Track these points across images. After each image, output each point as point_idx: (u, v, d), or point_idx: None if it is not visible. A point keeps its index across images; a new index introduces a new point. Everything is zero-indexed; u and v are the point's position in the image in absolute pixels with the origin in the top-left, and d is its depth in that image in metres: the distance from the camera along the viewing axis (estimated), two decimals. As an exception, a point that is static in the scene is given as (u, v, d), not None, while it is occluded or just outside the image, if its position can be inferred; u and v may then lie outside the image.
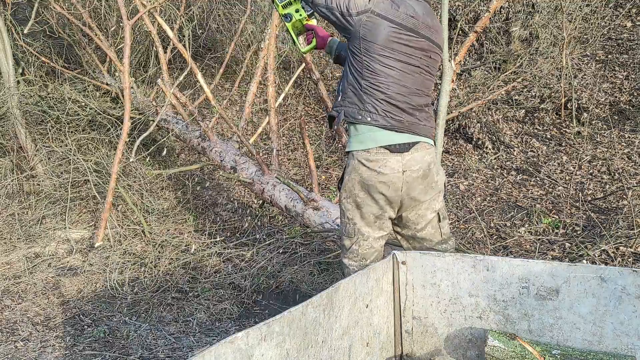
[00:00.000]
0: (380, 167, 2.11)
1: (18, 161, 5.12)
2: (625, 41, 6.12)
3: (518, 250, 3.79)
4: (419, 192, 2.16)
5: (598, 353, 1.71)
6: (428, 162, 2.16)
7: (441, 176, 2.25)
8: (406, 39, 2.11)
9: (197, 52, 7.37)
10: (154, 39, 4.78)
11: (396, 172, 2.11)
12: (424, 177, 2.15)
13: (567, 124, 5.40)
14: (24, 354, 2.96)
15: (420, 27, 2.13)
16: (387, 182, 2.12)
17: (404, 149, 2.11)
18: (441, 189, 2.25)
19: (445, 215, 2.31)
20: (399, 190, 2.14)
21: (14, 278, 3.83)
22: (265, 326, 1.42)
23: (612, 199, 4.23)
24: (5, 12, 5.41)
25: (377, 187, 2.13)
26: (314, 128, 6.58)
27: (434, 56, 2.21)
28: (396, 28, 2.09)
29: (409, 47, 2.12)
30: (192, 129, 4.98)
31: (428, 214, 2.22)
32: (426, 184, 2.17)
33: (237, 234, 4.50)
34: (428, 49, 2.16)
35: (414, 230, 2.25)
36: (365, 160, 2.13)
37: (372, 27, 2.09)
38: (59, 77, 6.09)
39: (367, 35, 2.10)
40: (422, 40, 2.14)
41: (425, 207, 2.21)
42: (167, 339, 3.06)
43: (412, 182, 2.13)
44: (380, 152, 2.11)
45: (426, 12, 2.18)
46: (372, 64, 2.11)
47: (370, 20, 2.09)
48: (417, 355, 2.09)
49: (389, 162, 2.11)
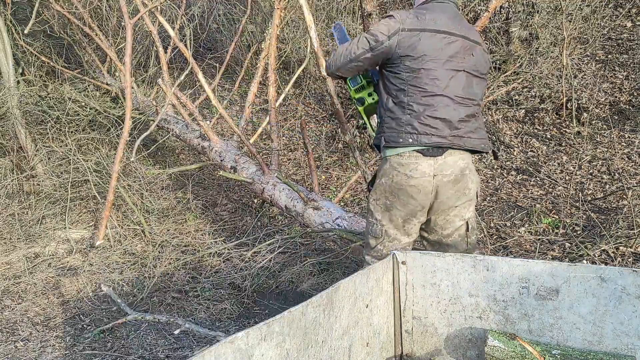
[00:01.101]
0: (411, 170, 2.10)
1: (18, 161, 5.12)
2: (625, 41, 6.12)
3: (518, 250, 3.79)
4: (449, 197, 2.14)
5: (598, 353, 1.71)
6: (461, 167, 2.13)
7: (475, 184, 2.20)
8: (444, 42, 2.10)
9: (197, 52, 7.38)
10: (155, 38, 4.78)
11: (427, 177, 2.10)
12: (456, 182, 2.13)
13: (567, 124, 5.40)
14: (24, 354, 2.96)
15: (451, 27, 2.13)
16: (417, 185, 2.11)
17: (437, 153, 2.09)
18: (473, 197, 2.21)
19: (475, 226, 2.27)
20: (429, 194, 2.12)
21: (14, 278, 3.83)
22: (265, 326, 1.42)
23: (612, 199, 4.23)
24: (5, 12, 5.41)
25: (407, 191, 2.13)
26: (314, 128, 6.58)
27: (477, 54, 2.18)
28: (430, 34, 2.10)
29: (448, 49, 2.10)
30: (192, 128, 4.98)
31: (457, 220, 2.21)
32: (457, 189, 2.14)
33: (237, 234, 4.50)
34: (467, 47, 2.15)
35: (440, 235, 2.24)
36: (397, 164, 2.13)
37: (407, 42, 2.10)
38: (59, 77, 6.09)
39: (407, 51, 2.10)
40: (458, 40, 2.13)
41: (454, 213, 2.19)
42: (167, 339, 3.06)
43: (443, 186, 2.11)
44: (413, 155, 2.10)
45: (453, 14, 2.20)
46: (415, 78, 2.10)
47: (404, 38, 2.10)
48: (417, 355, 2.09)
49: (420, 165, 2.10)
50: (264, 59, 4.62)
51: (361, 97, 2.38)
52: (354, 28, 7.63)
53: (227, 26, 7.47)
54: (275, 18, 4.15)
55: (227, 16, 7.43)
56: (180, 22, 5.62)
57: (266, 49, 4.47)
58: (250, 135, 5.15)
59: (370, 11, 5.54)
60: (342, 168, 5.78)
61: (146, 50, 6.76)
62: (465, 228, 2.23)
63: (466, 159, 2.16)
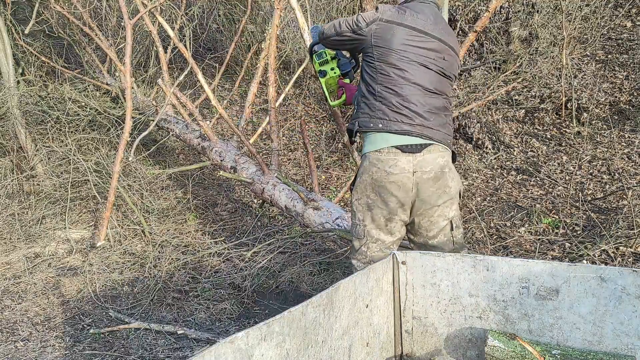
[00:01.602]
0: (390, 167, 2.11)
1: (18, 161, 5.12)
2: (625, 41, 6.12)
3: (518, 250, 3.79)
4: (430, 195, 2.14)
5: (598, 353, 1.71)
6: (440, 164, 2.14)
7: (456, 183, 2.21)
8: (417, 40, 2.14)
9: (197, 52, 7.38)
10: (154, 38, 4.78)
11: (406, 172, 2.11)
12: (436, 179, 2.13)
13: (567, 124, 5.40)
14: (24, 354, 2.96)
15: (429, 28, 2.17)
16: (396, 182, 2.11)
17: (415, 150, 2.10)
18: (454, 195, 2.21)
19: (459, 224, 2.27)
20: (409, 191, 2.13)
21: (14, 278, 3.83)
22: (265, 326, 1.42)
23: (612, 199, 4.23)
24: (5, 12, 5.41)
25: (387, 188, 2.13)
26: (314, 128, 6.58)
27: (449, 58, 2.21)
28: (406, 30, 2.14)
29: (420, 49, 2.14)
30: (192, 128, 4.98)
31: (440, 220, 2.20)
32: (438, 187, 2.14)
33: (237, 234, 4.50)
34: (440, 50, 2.18)
35: (425, 237, 2.24)
36: (376, 160, 2.14)
37: (382, 33, 2.16)
38: (59, 77, 6.09)
39: (379, 42, 2.16)
40: (433, 41, 2.17)
41: (438, 213, 2.19)
42: (167, 339, 3.06)
43: (423, 183, 2.12)
44: (391, 151, 2.11)
45: (434, 15, 2.23)
46: (385, 68, 2.14)
47: (380, 27, 2.16)
48: (417, 355, 2.09)
49: (400, 162, 2.11)
50: (264, 59, 4.61)
51: (323, 70, 2.53)
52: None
53: (227, 26, 7.47)
54: (275, 18, 4.15)
55: (227, 16, 7.43)
56: (180, 22, 5.62)
57: (266, 49, 4.46)
58: (250, 135, 5.15)
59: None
60: (342, 168, 5.78)
61: (146, 50, 6.76)
62: (449, 227, 2.23)
63: (446, 157, 2.17)
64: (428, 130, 2.12)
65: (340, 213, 3.48)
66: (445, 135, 2.18)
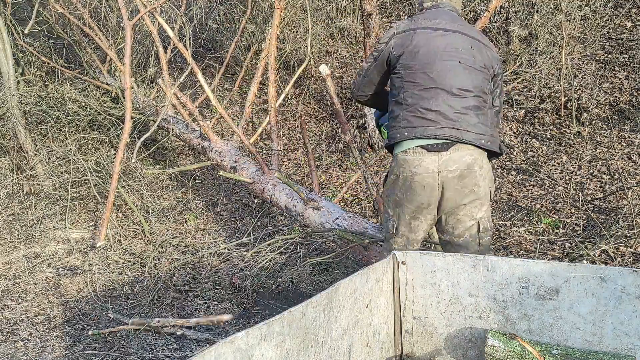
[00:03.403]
0: (415, 167, 2.12)
1: (18, 161, 5.12)
2: (625, 41, 6.12)
3: (518, 250, 3.79)
4: (455, 193, 2.12)
5: (598, 353, 1.71)
6: (468, 162, 2.10)
7: (487, 183, 2.16)
8: (437, 37, 2.16)
9: (197, 52, 7.38)
10: (155, 39, 4.78)
11: (430, 172, 2.10)
12: (461, 177, 2.11)
13: (567, 124, 5.40)
14: (24, 354, 2.96)
15: (446, 25, 2.19)
16: (421, 181, 2.12)
17: (442, 148, 2.09)
18: (483, 196, 2.16)
19: (488, 227, 2.22)
20: (434, 190, 2.12)
21: (14, 278, 3.83)
22: (265, 326, 1.42)
23: (612, 199, 4.23)
24: (5, 12, 5.41)
25: (412, 188, 2.14)
26: (314, 128, 6.59)
27: (477, 48, 2.21)
28: (423, 31, 2.18)
29: (442, 44, 2.15)
30: (192, 128, 4.98)
31: (467, 220, 2.18)
32: (463, 186, 2.11)
33: (237, 234, 4.50)
34: (464, 42, 2.19)
35: (451, 235, 2.23)
36: (402, 161, 2.16)
37: (401, 42, 2.21)
38: (59, 77, 6.09)
39: (399, 51, 2.20)
40: (454, 34, 2.18)
41: (464, 212, 2.16)
42: (167, 339, 3.06)
43: (448, 182, 2.11)
44: (417, 151, 2.12)
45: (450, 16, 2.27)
46: (410, 74, 2.16)
47: (399, 38, 2.22)
48: (417, 355, 2.09)
49: (424, 161, 2.11)
50: (264, 59, 4.62)
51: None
52: (354, 28, 7.64)
53: (227, 26, 7.47)
54: (275, 18, 4.15)
55: (227, 16, 7.43)
56: (180, 23, 5.62)
57: (266, 49, 4.47)
58: (250, 135, 5.15)
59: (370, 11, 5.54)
60: (342, 168, 5.78)
61: (146, 50, 6.76)
62: (476, 228, 2.20)
63: (475, 155, 2.12)
64: (456, 131, 2.09)
65: (340, 213, 3.48)
66: (477, 135, 2.11)
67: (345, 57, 7.48)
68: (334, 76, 7.24)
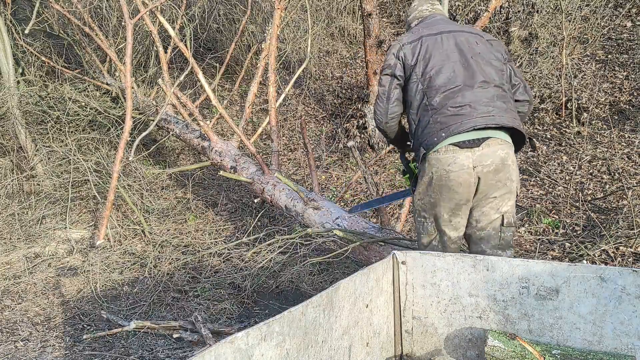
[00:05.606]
0: (449, 165, 2.12)
1: (18, 161, 5.12)
2: (625, 41, 6.12)
3: (518, 250, 3.79)
4: (490, 186, 2.14)
5: (598, 353, 1.71)
6: (501, 157, 2.12)
7: (516, 177, 2.20)
8: (443, 39, 2.25)
9: (197, 52, 7.38)
10: (155, 38, 4.78)
11: (466, 168, 2.11)
12: (497, 171, 2.12)
13: (567, 124, 5.40)
14: (24, 354, 2.96)
15: (446, 27, 2.31)
16: (457, 179, 2.12)
17: (474, 144, 2.10)
18: (513, 190, 2.19)
19: (512, 222, 2.23)
20: (471, 185, 2.13)
21: (14, 278, 3.83)
22: (265, 326, 1.42)
23: (612, 199, 4.23)
24: (5, 12, 5.41)
25: (448, 186, 2.14)
26: (314, 128, 6.58)
27: (481, 42, 2.28)
28: (428, 37, 2.27)
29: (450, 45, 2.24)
30: (192, 128, 4.98)
31: (492, 213, 2.20)
32: (498, 179, 2.14)
33: (237, 234, 4.50)
34: (468, 38, 2.28)
35: (474, 228, 2.25)
36: (435, 160, 2.15)
37: (412, 52, 2.28)
38: (59, 77, 6.09)
39: (413, 60, 2.26)
40: (455, 33, 2.28)
41: (490, 205, 2.18)
42: (167, 339, 3.06)
43: (484, 176, 2.12)
44: (449, 149, 2.12)
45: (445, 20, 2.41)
46: (429, 79, 2.20)
47: (408, 49, 2.29)
48: (417, 355, 2.09)
49: (458, 158, 2.11)
50: (264, 59, 4.62)
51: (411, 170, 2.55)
52: (354, 28, 7.64)
53: (227, 26, 7.47)
54: (276, 18, 4.15)
55: (227, 16, 7.43)
56: (180, 22, 5.62)
57: (266, 49, 4.47)
58: (250, 135, 5.15)
59: (370, 11, 5.54)
60: (342, 168, 5.78)
61: (146, 50, 6.76)
62: (500, 222, 2.21)
63: (506, 149, 2.14)
64: (492, 118, 2.10)
65: (340, 213, 3.47)
66: (511, 119, 2.15)
67: (345, 57, 7.49)
68: (334, 76, 7.25)
